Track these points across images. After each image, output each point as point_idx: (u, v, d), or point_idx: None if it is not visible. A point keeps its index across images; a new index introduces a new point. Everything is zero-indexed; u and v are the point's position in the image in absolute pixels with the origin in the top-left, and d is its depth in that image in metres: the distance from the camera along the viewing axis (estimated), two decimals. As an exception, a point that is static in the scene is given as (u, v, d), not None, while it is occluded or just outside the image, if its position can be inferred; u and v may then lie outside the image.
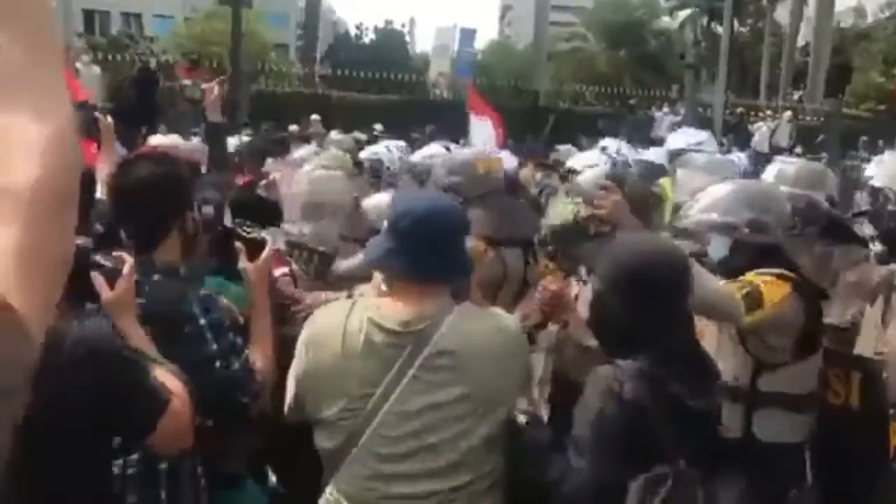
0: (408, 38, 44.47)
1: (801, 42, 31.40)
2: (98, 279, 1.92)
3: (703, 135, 5.90)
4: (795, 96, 26.93)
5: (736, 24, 34.80)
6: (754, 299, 2.40)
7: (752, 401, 2.56)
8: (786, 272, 2.54)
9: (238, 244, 2.31)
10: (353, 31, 40.88)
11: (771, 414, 2.55)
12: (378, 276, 2.16)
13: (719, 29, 33.64)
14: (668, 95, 21.14)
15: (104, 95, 11.41)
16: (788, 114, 17.97)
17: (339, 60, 29.87)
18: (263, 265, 2.31)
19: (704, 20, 33.35)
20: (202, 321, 2.03)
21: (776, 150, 14.12)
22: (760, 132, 16.83)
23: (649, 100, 20.18)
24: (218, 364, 2.02)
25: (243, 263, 2.28)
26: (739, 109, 19.56)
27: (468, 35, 21.19)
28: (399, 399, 1.90)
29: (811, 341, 2.59)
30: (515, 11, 73.76)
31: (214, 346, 2.03)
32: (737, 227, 2.62)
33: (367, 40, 40.47)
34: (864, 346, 3.09)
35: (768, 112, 19.50)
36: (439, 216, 2.01)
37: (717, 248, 2.64)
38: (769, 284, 2.47)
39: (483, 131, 8.37)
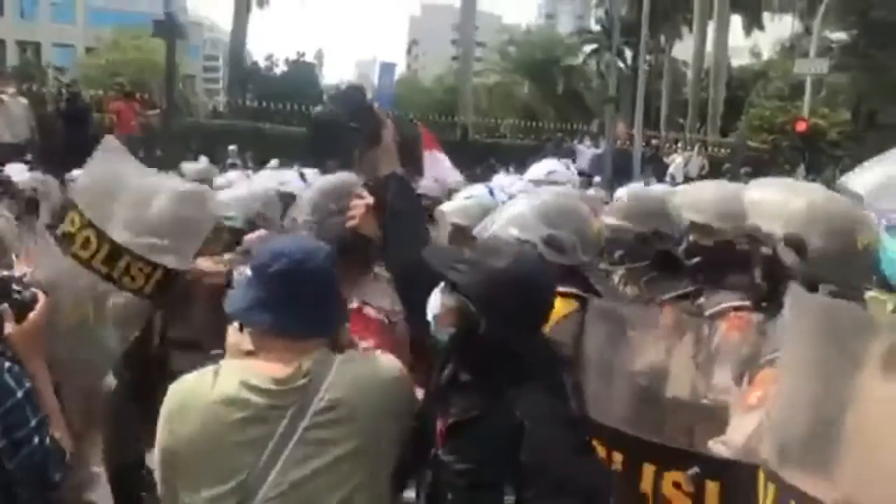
0: (318, 71, 44.45)
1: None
2: (7, 311, 1.83)
3: (555, 164, 6.12)
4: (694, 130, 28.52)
5: (630, 59, 36.81)
6: None
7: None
8: (577, 291, 2.41)
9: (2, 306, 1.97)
10: (262, 63, 40.53)
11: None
12: (236, 335, 1.97)
13: (620, 64, 35.43)
14: (590, 129, 22.01)
15: (25, 130, 10.90)
16: (698, 146, 19.04)
17: (249, 92, 29.63)
18: (31, 328, 1.97)
19: (606, 56, 34.95)
20: (19, 394, 1.84)
21: (689, 181, 14.91)
22: (675, 164, 17.74)
23: (572, 133, 20.95)
24: (37, 440, 1.85)
25: (9, 329, 1.95)
26: (654, 142, 20.57)
27: (389, 69, 21.55)
28: (284, 468, 1.69)
29: None
30: (422, 46, 75.17)
31: (34, 422, 1.86)
32: (534, 245, 2.45)
33: (277, 72, 40.28)
34: (675, 389, 2.27)
35: (678, 145, 20.58)
36: (313, 260, 1.80)
37: None
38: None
39: (439, 166, 8.63)
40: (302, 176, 4.72)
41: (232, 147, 14.20)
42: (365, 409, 1.76)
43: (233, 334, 2.03)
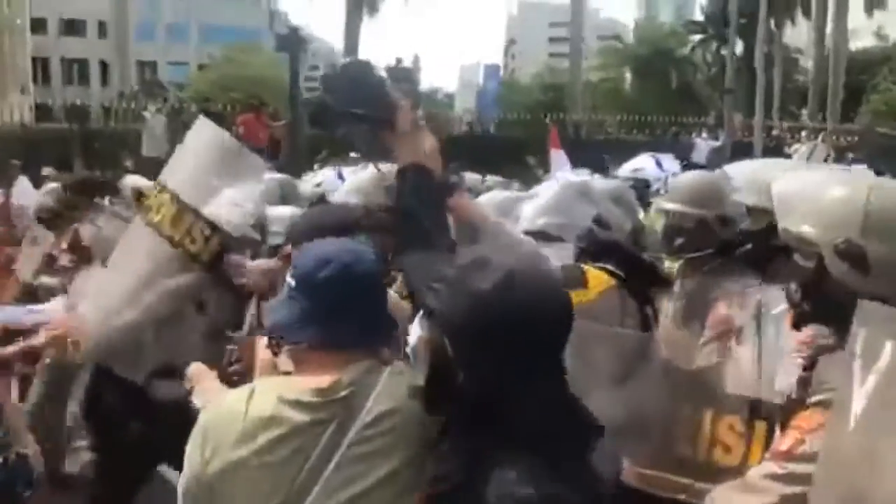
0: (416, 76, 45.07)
1: (806, 63, 31.73)
2: None
3: (644, 160, 5.90)
4: (804, 117, 27.14)
5: (741, 47, 35.37)
6: (576, 277, 2.21)
7: None
8: (611, 268, 2.31)
9: None
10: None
11: None
12: (268, 353, 1.82)
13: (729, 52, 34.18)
14: (706, 122, 21.31)
15: (165, 145, 11.49)
16: (822, 134, 18.10)
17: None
18: None
19: (714, 45, 33.77)
20: None
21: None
22: (798, 154, 16.91)
23: (684, 127, 20.34)
24: (1, 459, 1.80)
25: None
26: (775, 132, 19.71)
27: (492, 71, 21.63)
28: (324, 488, 1.50)
29: None
30: (519, 45, 74.84)
31: None
32: (582, 226, 2.42)
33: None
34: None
35: (802, 133, 19.63)
36: (361, 264, 1.61)
37: (564, 257, 2.36)
38: (595, 271, 2.29)
39: (565, 164, 8.71)
40: (340, 175, 4.58)
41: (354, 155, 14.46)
42: (415, 423, 1.54)
43: (264, 352, 1.89)
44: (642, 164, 5.81)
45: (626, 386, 2.11)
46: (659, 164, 6.20)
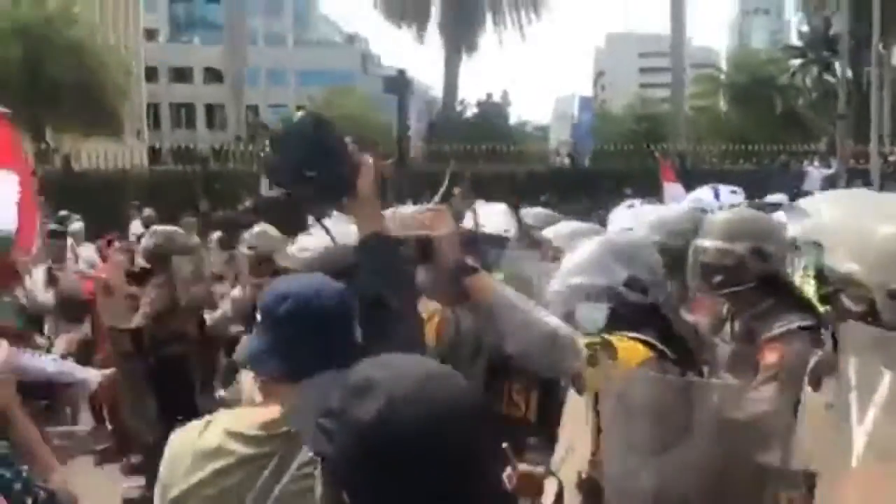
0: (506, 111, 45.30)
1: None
2: None
3: (705, 192, 5.65)
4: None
5: (850, 72, 34.05)
6: (608, 355, 2.04)
7: None
8: (648, 339, 2.12)
9: None
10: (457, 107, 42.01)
11: None
12: (251, 385, 1.80)
13: (831, 79, 32.92)
14: (817, 149, 20.58)
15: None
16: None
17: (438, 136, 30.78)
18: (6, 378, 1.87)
19: (815, 70, 32.69)
20: (17, 486, 1.77)
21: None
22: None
23: (796, 155, 19.69)
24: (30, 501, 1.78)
25: None
26: (892, 158, 18.81)
27: (587, 103, 21.68)
28: None
29: None
30: (608, 76, 74.46)
31: (19, 486, 1.77)
32: (615, 290, 2.20)
33: (469, 114, 41.46)
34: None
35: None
36: (320, 299, 1.59)
37: (596, 317, 2.19)
38: (626, 344, 2.10)
39: (681, 196, 8.68)
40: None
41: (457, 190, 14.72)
42: None
43: (248, 384, 1.90)
44: (702, 195, 5.60)
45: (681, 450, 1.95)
46: (717, 195, 5.92)
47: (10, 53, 19.08)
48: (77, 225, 8.81)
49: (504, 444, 2.11)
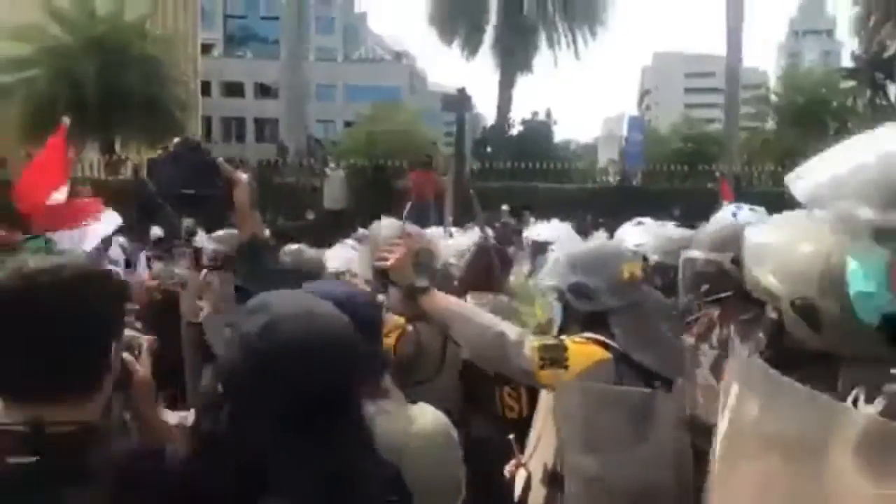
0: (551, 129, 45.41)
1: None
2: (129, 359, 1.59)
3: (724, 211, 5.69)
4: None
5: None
6: (557, 357, 2.19)
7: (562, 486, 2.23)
8: (606, 340, 2.30)
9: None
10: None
11: None
12: None
13: (883, 102, 32.26)
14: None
15: (344, 199, 12.29)
16: None
17: (488, 153, 30.96)
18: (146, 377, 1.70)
19: (868, 92, 32.17)
20: None
21: None
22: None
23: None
24: None
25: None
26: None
27: (636, 123, 21.78)
28: None
29: None
30: (654, 95, 74.15)
31: None
32: (561, 291, 2.45)
33: (514, 132, 41.66)
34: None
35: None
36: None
37: (557, 313, 2.48)
38: (581, 346, 2.26)
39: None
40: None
41: (504, 207, 14.95)
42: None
43: None
44: (724, 214, 5.71)
45: (639, 449, 2.09)
46: (734, 214, 5.97)
47: (86, 66, 19.71)
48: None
49: (510, 436, 2.48)
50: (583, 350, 2.26)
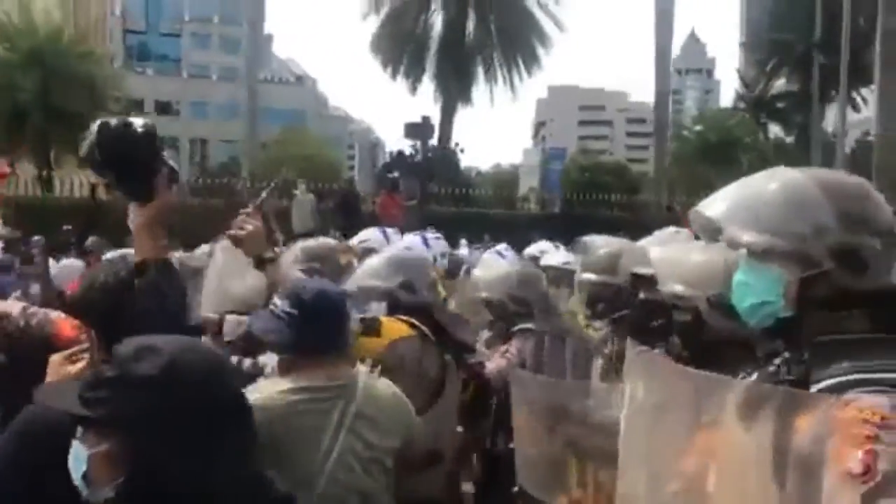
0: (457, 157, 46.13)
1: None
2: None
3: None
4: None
5: (781, 131, 35.69)
6: (372, 326, 2.61)
7: None
8: (414, 322, 2.73)
9: None
10: (407, 150, 42.61)
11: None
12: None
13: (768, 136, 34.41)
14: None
15: (311, 222, 12.21)
16: None
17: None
18: None
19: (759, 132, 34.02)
20: None
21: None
22: None
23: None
24: None
25: None
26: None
27: (558, 153, 23.04)
28: (340, 452, 2.05)
29: (440, 391, 2.74)
30: (548, 127, 76.69)
31: None
32: (389, 291, 2.87)
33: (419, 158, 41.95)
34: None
35: None
36: (336, 295, 2.25)
37: (376, 312, 2.86)
38: (393, 322, 2.71)
39: None
40: (384, 232, 4.99)
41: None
42: (390, 417, 2.18)
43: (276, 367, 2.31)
44: (412, 242, 5.84)
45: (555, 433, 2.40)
46: (426, 241, 5.55)
47: (26, 82, 19.58)
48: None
49: None
50: (395, 326, 2.70)
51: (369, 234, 5.14)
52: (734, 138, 30.22)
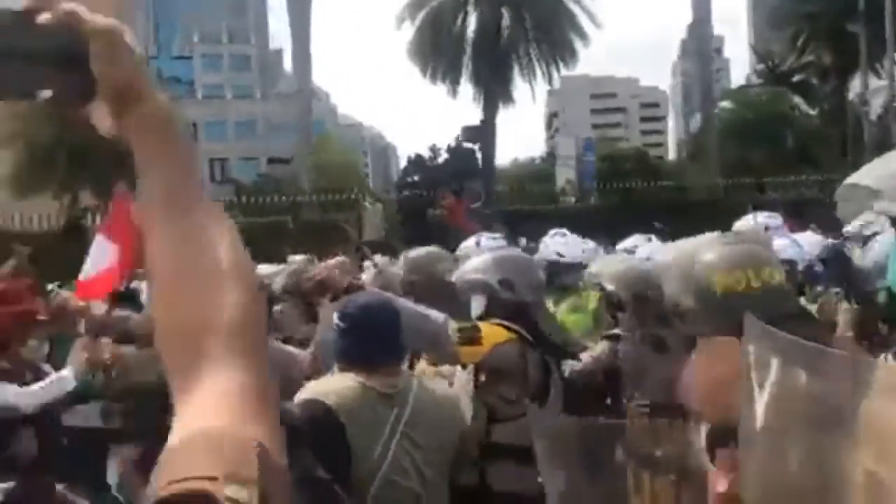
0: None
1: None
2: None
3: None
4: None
5: (805, 105, 35.22)
6: (471, 336, 2.61)
7: (486, 451, 2.58)
8: (513, 325, 2.73)
9: None
10: (426, 154, 42.41)
11: (503, 464, 2.59)
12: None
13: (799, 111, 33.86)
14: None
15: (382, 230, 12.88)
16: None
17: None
18: None
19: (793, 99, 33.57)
20: None
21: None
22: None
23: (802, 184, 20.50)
24: None
25: None
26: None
27: (590, 144, 23.03)
28: (393, 457, 2.19)
29: (545, 395, 2.74)
30: (561, 118, 76.43)
31: None
32: (490, 285, 2.86)
33: (440, 160, 41.83)
34: None
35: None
36: (380, 308, 2.37)
37: (477, 305, 2.87)
38: (491, 327, 2.70)
39: None
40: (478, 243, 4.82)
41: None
42: (441, 419, 2.33)
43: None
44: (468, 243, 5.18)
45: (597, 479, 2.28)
46: (478, 243, 5.18)
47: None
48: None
49: None
50: (494, 331, 2.71)
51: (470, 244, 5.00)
52: (775, 113, 29.78)
